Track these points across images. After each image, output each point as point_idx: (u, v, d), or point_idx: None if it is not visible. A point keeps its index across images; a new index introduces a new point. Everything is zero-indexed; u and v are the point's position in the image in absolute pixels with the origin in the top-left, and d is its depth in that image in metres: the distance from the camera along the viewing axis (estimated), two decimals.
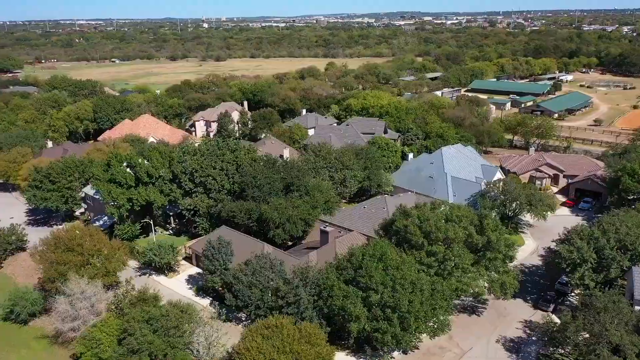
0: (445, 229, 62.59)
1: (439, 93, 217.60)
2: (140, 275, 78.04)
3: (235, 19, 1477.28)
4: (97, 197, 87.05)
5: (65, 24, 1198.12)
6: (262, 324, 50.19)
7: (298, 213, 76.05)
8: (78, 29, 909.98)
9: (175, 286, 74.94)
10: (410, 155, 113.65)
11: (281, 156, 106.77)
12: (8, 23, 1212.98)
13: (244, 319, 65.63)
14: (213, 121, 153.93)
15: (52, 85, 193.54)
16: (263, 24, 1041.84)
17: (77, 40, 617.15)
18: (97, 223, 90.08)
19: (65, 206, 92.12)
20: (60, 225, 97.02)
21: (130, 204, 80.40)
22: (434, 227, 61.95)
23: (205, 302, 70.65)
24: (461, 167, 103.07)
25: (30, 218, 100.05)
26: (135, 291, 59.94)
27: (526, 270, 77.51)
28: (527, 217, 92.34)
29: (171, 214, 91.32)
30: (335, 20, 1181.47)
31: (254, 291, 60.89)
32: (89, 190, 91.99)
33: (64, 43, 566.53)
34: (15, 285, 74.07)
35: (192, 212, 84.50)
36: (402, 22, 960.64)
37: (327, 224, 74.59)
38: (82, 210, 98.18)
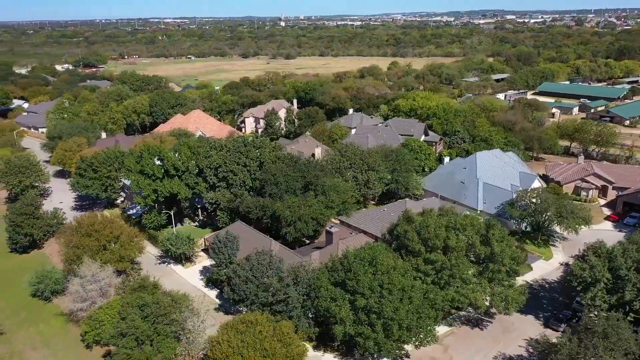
0: (445, 237, 60.56)
1: (501, 96, 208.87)
2: (160, 263, 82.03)
3: (313, 18, 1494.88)
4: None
5: (153, 22, 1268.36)
6: (239, 319, 51.29)
7: (310, 212, 76.43)
8: (163, 26, 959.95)
9: (189, 276, 77.97)
10: (446, 159, 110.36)
11: (313, 155, 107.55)
12: (103, 21, 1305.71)
13: (244, 312, 67.11)
14: (261, 118, 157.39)
15: (121, 80, 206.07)
16: (339, 23, 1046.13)
17: (160, 37, 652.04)
18: (131, 211, 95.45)
19: (104, 194, 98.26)
20: (101, 211, 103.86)
21: (156, 194, 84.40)
22: (432, 234, 60.11)
23: (213, 293, 73.01)
24: (496, 174, 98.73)
25: (77, 204, 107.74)
26: (139, 278, 63.02)
27: (546, 285, 73.23)
28: (561, 230, 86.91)
29: (199, 206, 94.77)
30: (413, 19, 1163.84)
31: (249, 286, 62.09)
32: (126, 180, 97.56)
33: (148, 40, 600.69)
34: (51, 265, 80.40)
35: (215, 205, 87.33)
36: (482, 21, 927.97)
37: (332, 225, 74.29)
38: (122, 199, 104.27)
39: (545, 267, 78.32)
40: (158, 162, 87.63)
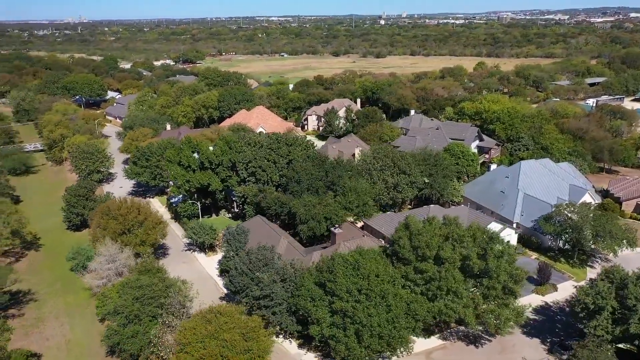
0: (437, 247, 58.27)
1: (590, 101, 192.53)
2: (186, 250, 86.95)
3: (415, 16, 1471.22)
4: None
5: (259, 20, 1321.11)
6: (210, 309, 53.38)
7: (324, 212, 76.82)
8: (266, 24, 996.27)
9: (207, 264, 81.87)
10: (493, 166, 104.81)
11: (353, 155, 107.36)
12: (214, 19, 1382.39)
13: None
14: (322, 116, 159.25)
15: (204, 76, 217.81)
16: (441, 21, 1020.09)
17: (259, 35, 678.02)
18: (173, 200, 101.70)
19: (154, 182, 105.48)
20: (152, 198, 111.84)
21: (188, 184, 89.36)
22: (423, 243, 58.07)
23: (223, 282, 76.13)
24: (541, 185, 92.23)
25: (134, 189, 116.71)
26: (145, 262, 67.57)
27: (566, 308, 67.33)
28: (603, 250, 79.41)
29: (234, 199, 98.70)
30: (522, 17, 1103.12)
31: (244, 279, 64.16)
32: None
33: (247, 38, 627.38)
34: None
35: (243, 199, 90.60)
36: (599, 20, 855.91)
37: (337, 226, 74.02)
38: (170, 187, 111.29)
39: (573, 289, 71.93)
40: (195, 155, 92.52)
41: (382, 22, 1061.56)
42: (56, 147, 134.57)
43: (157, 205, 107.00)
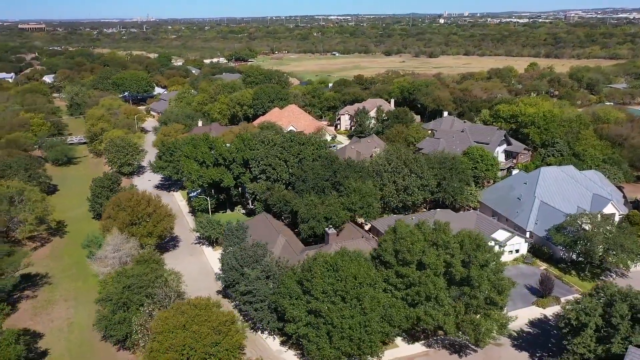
0: (419, 252, 57.22)
1: None
2: (195, 243, 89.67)
3: (477, 15, 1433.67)
4: None
5: (317, 18, 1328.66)
6: (188, 301, 55.04)
7: (325, 212, 77.02)
8: (323, 23, 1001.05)
9: (212, 257, 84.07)
10: (514, 172, 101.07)
11: (371, 155, 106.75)
12: (273, 18, 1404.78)
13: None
14: (353, 116, 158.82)
15: (247, 74, 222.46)
16: (504, 20, 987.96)
17: (314, 34, 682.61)
18: (192, 194, 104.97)
19: (177, 176, 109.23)
20: (176, 191, 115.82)
21: (201, 180, 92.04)
22: (405, 248, 57.19)
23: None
24: (561, 193, 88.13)
25: (161, 183, 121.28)
26: (144, 252, 70.40)
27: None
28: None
29: (246, 195, 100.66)
30: (591, 16, 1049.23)
31: (233, 274, 65.67)
32: None
33: (302, 37, 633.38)
34: None
35: (253, 196, 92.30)
36: None
37: (330, 226, 73.89)
38: None
39: None
40: (210, 151, 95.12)
41: (442, 20, 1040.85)
42: (96, 140, 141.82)
43: (179, 198, 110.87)
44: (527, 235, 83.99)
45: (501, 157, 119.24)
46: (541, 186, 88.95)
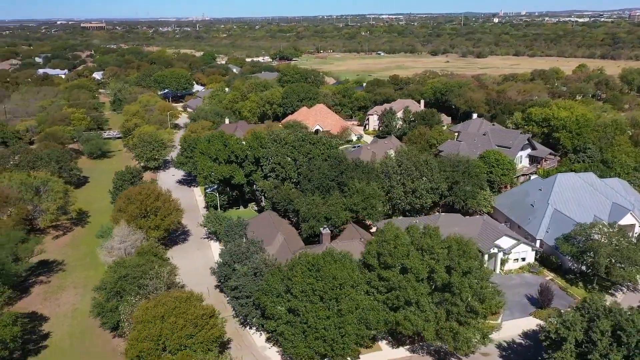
0: (402, 255, 56.52)
1: None
2: (204, 238, 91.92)
3: (536, 14, 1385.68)
4: None
5: (370, 17, 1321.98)
6: (170, 293, 56.72)
7: (326, 211, 77.21)
8: (373, 22, 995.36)
9: (217, 253, 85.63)
10: (533, 177, 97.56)
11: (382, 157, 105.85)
12: (325, 17, 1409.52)
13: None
14: (380, 116, 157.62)
15: (283, 73, 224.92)
16: (562, 19, 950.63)
17: (362, 33, 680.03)
18: (208, 190, 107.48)
19: (195, 171, 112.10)
20: (196, 187, 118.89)
21: (212, 176, 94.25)
22: (386, 251, 56.65)
23: None
24: (577, 201, 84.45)
25: (184, 178, 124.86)
26: (146, 245, 72.97)
27: None
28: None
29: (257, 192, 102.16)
30: None
31: (225, 270, 67.12)
32: None
33: (349, 36, 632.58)
34: None
35: (262, 193, 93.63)
36: None
37: (325, 227, 73.84)
38: None
39: None
40: (224, 148, 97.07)
41: (496, 20, 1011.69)
42: (130, 135, 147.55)
43: (197, 194, 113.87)
44: (537, 243, 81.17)
45: (525, 162, 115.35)
46: (556, 193, 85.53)
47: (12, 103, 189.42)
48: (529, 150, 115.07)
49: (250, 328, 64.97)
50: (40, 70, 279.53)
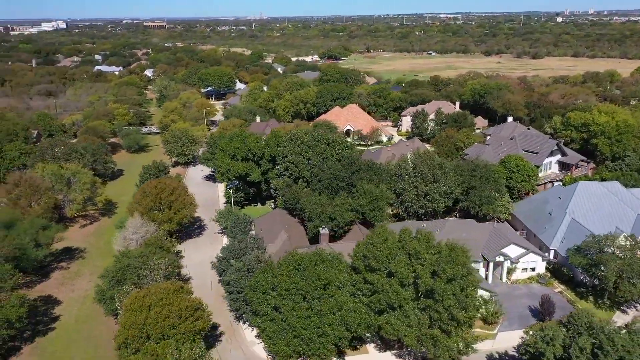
0: (386, 259, 55.95)
1: None
2: (218, 233, 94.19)
3: (605, 12, 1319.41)
4: None
5: (427, 16, 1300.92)
6: (160, 284, 58.77)
7: (331, 212, 77.39)
8: (429, 22, 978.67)
9: None
10: (557, 184, 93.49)
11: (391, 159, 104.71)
12: (381, 16, 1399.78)
13: None
14: (412, 117, 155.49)
15: (324, 72, 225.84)
16: (635, 18, 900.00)
17: (416, 33, 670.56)
18: (229, 186, 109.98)
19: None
20: (221, 182, 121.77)
21: (228, 173, 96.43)
22: (370, 254, 56.27)
23: None
24: (597, 211, 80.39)
25: (211, 174, 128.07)
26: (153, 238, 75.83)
27: None
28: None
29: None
30: None
31: (223, 263, 68.78)
32: None
33: (402, 35, 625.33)
34: None
35: (276, 192, 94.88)
36: None
37: (324, 227, 73.78)
38: None
39: None
40: (243, 145, 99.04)
41: (560, 19, 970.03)
42: (166, 130, 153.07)
43: (221, 190, 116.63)
44: (552, 253, 77.96)
45: (555, 168, 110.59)
46: (575, 202, 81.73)
47: (66, 98, 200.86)
48: (558, 156, 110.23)
49: (244, 323, 66.24)
50: (98, 67, 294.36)
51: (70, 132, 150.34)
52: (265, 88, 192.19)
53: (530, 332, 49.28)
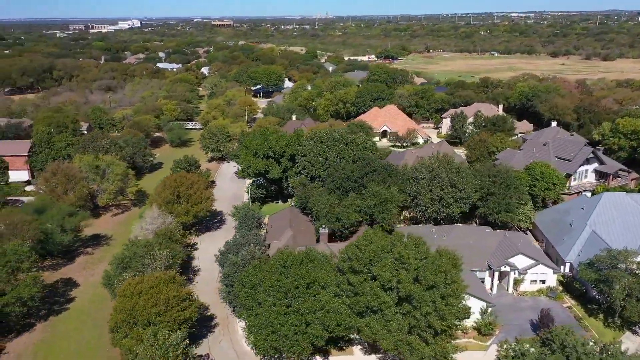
0: (368, 262, 55.55)
1: None
2: (234, 227, 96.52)
3: None
4: None
5: (497, 15, 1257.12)
6: (155, 274, 61.40)
7: (337, 212, 77.61)
8: (498, 21, 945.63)
9: None
10: (587, 194, 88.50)
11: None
12: (449, 15, 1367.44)
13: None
14: (450, 120, 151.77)
15: (372, 72, 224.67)
16: None
17: (481, 32, 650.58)
18: (255, 182, 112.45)
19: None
20: (242, 178, 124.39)
21: (249, 170, 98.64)
22: (354, 256, 56.04)
23: None
24: (622, 224, 75.66)
25: None
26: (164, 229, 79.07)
27: None
28: None
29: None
30: None
31: (224, 258, 70.74)
32: None
33: (466, 35, 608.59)
34: None
35: (293, 190, 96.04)
36: None
37: (324, 226, 73.78)
38: None
39: None
40: (264, 143, 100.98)
41: None
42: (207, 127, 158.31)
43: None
44: (567, 267, 74.17)
45: (591, 177, 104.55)
46: (598, 213, 77.18)
47: (123, 93, 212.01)
48: (595, 165, 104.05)
49: (238, 317, 67.85)
50: (159, 65, 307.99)
51: (119, 126, 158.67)
52: (309, 87, 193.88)
53: (505, 346, 47.40)
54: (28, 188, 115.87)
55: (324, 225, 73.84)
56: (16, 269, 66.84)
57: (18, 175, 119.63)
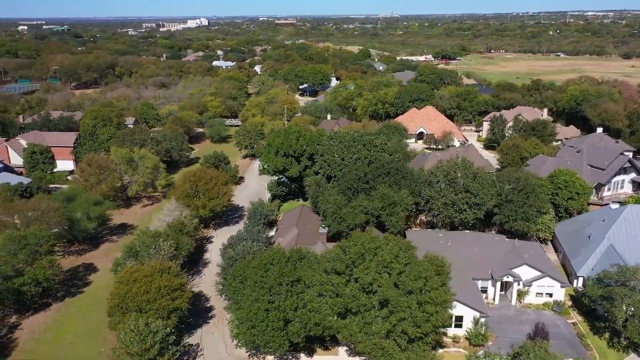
0: (351, 263, 55.35)
1: None
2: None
3: None
4: None
5: (573, 14, 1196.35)
6: (151, 263, 64.10)
7: (343, 212, 77.64)
8: (571, 20, 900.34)
9: None
10: (612, 206, 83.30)
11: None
12: (520, 14, 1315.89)
13: None
14: (490, 123, 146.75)
15: (420, 72, 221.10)
16: None
17: (550, 32, 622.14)
18: (275, 178, 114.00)
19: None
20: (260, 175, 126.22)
21: (268, 167, 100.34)
22: (337, 257, 56.00)
23: None
24: None
25: None
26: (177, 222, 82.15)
27: None
28: None
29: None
30: None
31: (226, 251, 72.71)
32: None
33: (532, 35, 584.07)
34: None
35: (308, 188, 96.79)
36: None
37: (325, 226, 73.66)
38: None
39: None
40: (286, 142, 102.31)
41: None
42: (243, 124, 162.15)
43: None
44: (580, 281, 70.42)
45: (628, 188, 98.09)
46: (618, 227, 72.62)
47: (175, 90, 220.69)
48: (633, 175, 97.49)
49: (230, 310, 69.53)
50: (215, 63, 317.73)
51: (164, 121, 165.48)
52: (352, 86, 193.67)
53: (474, 357, 45.93)
54: (70, 177, 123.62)
55: (324, 225, 74.08)
56: (35, 252, 71.87)
57: (64, 165, 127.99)
